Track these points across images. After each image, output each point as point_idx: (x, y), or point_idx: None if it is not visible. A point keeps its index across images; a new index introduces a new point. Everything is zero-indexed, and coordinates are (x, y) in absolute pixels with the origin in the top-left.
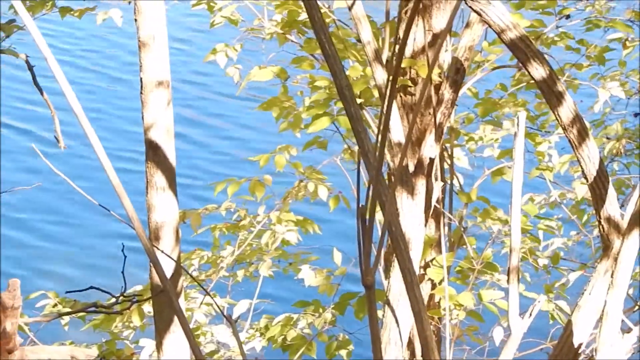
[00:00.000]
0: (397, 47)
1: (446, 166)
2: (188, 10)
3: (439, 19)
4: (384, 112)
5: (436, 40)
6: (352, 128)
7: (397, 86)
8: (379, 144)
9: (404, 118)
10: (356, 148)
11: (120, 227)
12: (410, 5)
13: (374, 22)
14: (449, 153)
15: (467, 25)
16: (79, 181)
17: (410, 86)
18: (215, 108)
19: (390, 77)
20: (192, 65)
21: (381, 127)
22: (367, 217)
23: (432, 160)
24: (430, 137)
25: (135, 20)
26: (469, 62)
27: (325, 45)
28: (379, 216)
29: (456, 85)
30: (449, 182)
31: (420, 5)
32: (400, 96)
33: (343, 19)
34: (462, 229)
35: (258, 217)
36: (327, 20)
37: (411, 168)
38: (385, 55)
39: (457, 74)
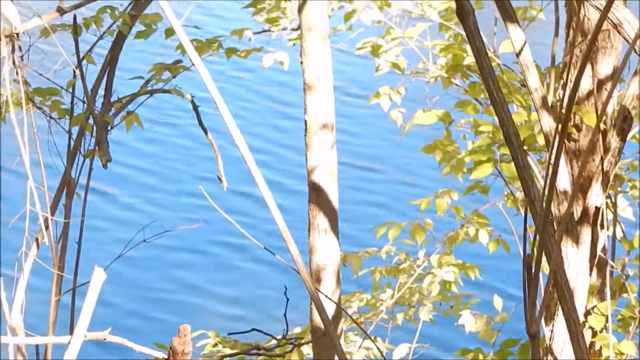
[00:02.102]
0: (565, 93)
1: (609, 213)
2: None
3: (604, 65)
4: (552, 161)
5: (601, 86)
6: (518, 176)
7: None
8: (546, 194)
9: (568, 164)
10: (518, 194)
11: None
12: (576, 51)
13: (538, 67)
14: (612, 200)
15: (636, 73)
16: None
17: (574, 132)
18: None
19: (559, 126)
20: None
21: (549, 176)
22: (534, 266)
23: (597, 208)
24: (596, 186)
25: (301, 62)
26: (636, 110)
27: (493, 92)
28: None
29: (623, 134)
30: (611, 228)
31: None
32: (564, 142)
33: (506, 62)
34: (624, 277)
35: (418, 260)
36: (492, 64)
37: (576, 215)
38: (550, 100)
39: (624, 122)
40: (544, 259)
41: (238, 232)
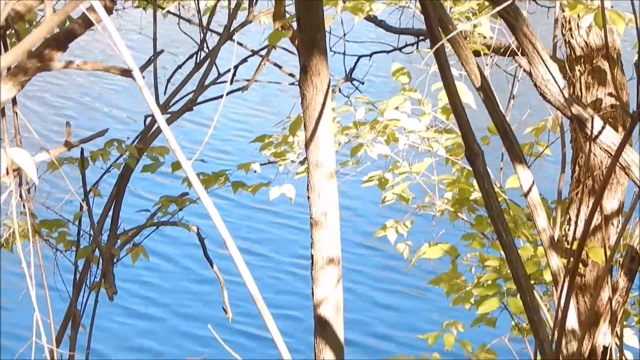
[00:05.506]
0: (571, 229)
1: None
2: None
3: (610, 201)
4: (561, 304)
5: (607, 222)
6: (527, 317)
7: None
8: (556, 336)
9: (574, 299)
10: (524, 324)
11: None
12: (581, 188)
13: (544, 200)
14: (618, 334)
15: None
16: None
17: (580, 267)
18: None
19: (569, 263)
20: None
21: (558, 319)
22: None
23: (605, 348)
24: (604, 325)
25: (308, 197)
26: None
27: (502, 234)
28: None
29: (631, 274)
30: None
31: (592, 186)
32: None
33: (513, 194)
34: None
35: None
36: (499, 199)
37: (584, 352)
38: (556, 234)
39: (632, 262)
40: None
41: None
